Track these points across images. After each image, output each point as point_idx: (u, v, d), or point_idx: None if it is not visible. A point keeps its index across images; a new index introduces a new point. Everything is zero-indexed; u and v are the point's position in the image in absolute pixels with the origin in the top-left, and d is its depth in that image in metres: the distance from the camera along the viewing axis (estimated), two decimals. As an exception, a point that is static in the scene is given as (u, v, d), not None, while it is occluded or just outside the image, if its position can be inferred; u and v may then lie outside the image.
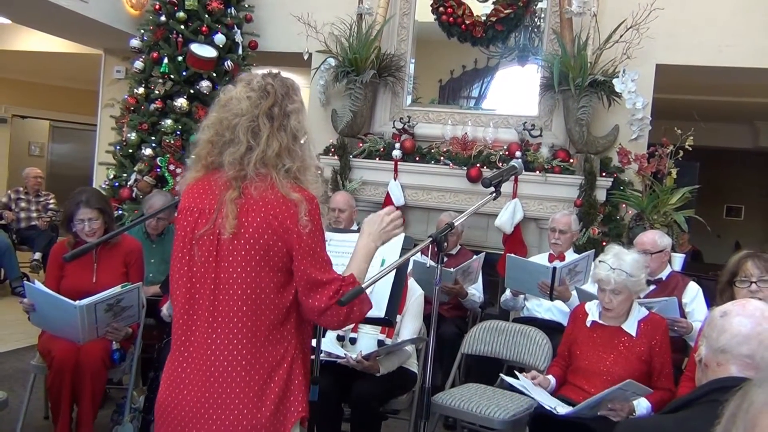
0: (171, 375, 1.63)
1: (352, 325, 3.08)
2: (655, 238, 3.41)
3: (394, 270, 2.03)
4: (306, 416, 1.66)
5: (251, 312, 1.58)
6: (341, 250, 2.08)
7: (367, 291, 1.91)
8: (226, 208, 1.58)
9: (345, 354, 2.86)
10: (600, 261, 2.75)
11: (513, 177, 4.30)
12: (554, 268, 3.51)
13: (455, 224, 1.89)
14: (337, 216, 4.10)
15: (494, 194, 2.04)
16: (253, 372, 1.58)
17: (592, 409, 2.51)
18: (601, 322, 2.79)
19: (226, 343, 1.57)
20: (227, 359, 1.57)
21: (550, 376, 2.83)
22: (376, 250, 1.77)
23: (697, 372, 1.62)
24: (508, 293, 3.98)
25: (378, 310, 2.02)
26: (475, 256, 4.12)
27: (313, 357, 2.35)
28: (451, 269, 3.89)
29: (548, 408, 2.53)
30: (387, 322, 2.15)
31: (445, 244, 1.86)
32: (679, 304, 3.27)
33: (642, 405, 2.55)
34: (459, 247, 4.30)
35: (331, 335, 3.09)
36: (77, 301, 2.72)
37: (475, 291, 4.12)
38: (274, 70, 1.73)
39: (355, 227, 3.99)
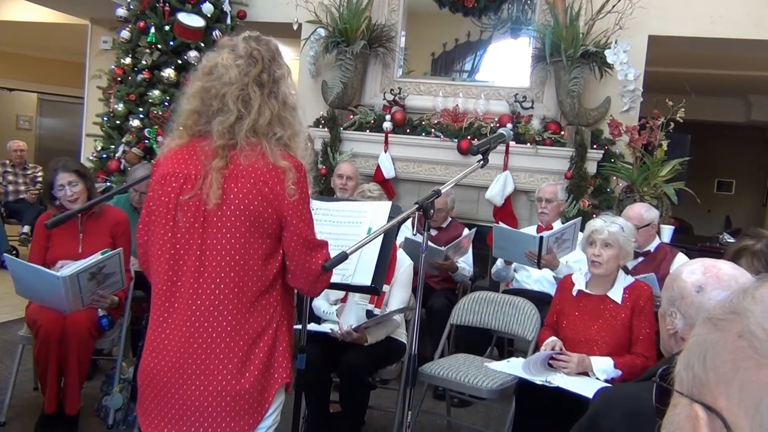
0: (153, 341, 1.62)
1: (342, 295, 3.09)
2: (641, 212, 3.40)
3: (381, 239, 2.03)
4: (290, 383, 1.66)
5: (238, 278, 1.57)
6: (344, 220, 2.08)
7: (354, 258, 1.91)
8: (211, 177, 1.56)
9: (339, 322, 2.87)
10: (594, 219, 2.85)
11: (504, 147, 4.33)
12: (541, 237, 3.52)
13: (441, 191, 1.88)
14: (344, 183, 4.18)
15: (481, 162, 2.02)
16: (238, 338, 1.57)
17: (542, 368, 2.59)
18: (587, 291, 2.80)
19: (211, 309, 1.56)
20: (212, 325, 1.56)
21: (554, 338, 2.82)
22: None
23: (668, 341, 1.60)
24: (499, 263, 3.99)
25: (364, 278, 2.02)
26: (466, 231, 4.13)
27: (299, 326, 2.36)
28: (442, 248, 3.89)
29: (540, 382, 2.54)
30: (373, 290, 2.15)
31: (432, 211, 1.85)
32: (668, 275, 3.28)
33: (602, 362, 2.59)
34: (450, 220, 4.30)
35: (325, 307, 3.11)
36: (59, 272, 2.70)
37: (465, 265, 4.13)
38: (254, 33, 1.69)
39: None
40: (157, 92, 4.80)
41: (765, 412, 0.48)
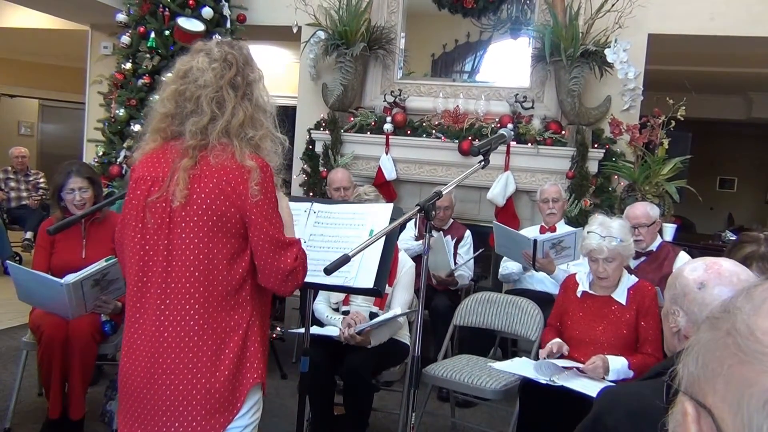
0: (127, 342, 1.64)
1: (343, 297, 3.09)
2: (646, 210, 3.39)
3: (383, 241, 2.02)
4: (264, 382, 1.67)
5: (204, 278, 1.57)
6: (345, 222, 2.07)
7: (356, 260, 1.91)
8: (178, 176, 1.57)
9: (340, 328, 2.87)
10: (588, 232, 2.74)
11: (505, 148, 4.33)
12: (535, 240, 3.52)
13: (443, 193, 1.88)
14: (342, 195, 4.09)
15: (482, 163, 2.02)
16: (207, 337, 1.58)
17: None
18: (591, 292, 2.80)
19: (179, 309, 1.57)
20: (180, 325, 1.57)
21: (558, 340, 2.79)
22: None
23: (672, 340, 1.60)
24: (512, 266, 3.98)
25: (366, 280, 2.02)
26: (467, 234, 4.21)
27: (302, 330, 2.37)
28: (453, 264, 3.91)
29: (544, 381, 2.54)
30: (375, 293, 2.14)
31: (433, 212, 1.85)
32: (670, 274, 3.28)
33: (617, 362, 2.57)
34: (451, 221, 4.30)
35: (329, 312, 3.11)
36: (63, 279, 2.71)
37: (464, 271, 4.14)
38: (226, 38, 1.74)
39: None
40: (157, 97, 4.80)
41: (745, 408, 0.49)
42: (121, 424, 1.65)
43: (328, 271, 1.57)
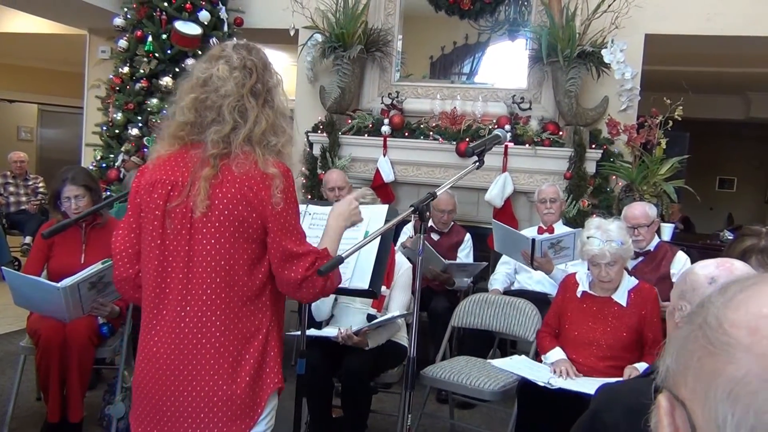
0: (143, 349, 1.62)
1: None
2: (645, 210, 3.39)
3: (378, 242, 2.03)
4: (282, 387, 1.66)
5: (224, 284, 1.57)
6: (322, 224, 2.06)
7: (351, 262, 1.91)
8: (199, 185, 1.56)
9: (339, 329, 2.86)
10: (588, 237, 2.71)
11: (503, 149, 4.34)
12: (533, 239, 3.52)
13: (437, 193, 1.88)
14: (337, 195, 4.07)
15: (477, 163, 2.02)
16: (227, 343, 1.57)
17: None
18: (591, 292, 2.78)
19: (200, 315, 1.56)
20: (201, 332, 1.56)
21: (567, 361, 2.72)
22: (345, 230, 1.79)
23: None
24: (498, 280, 3.98)
25: (361, 281, 2.02)
26: (467, 236, 4.22)
27: (298, 332, 2.36)
28: (445, 261, 3.90)
29: (542, 384, 2.53)
30: (371, 294, 2.14)
31: (427, 213, 1.85)
32: (668, 274, 3.29)
33: (642, 366, 2.56)
34: (452, 224, 4.30)
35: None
36: (59, 283, 2.70)
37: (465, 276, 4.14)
38: (242, 41, 1.72)
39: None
40: (155, 101, 4.82)
41: (712, 399, 0.50)
42: (135, 431, 1.64)
43: (322, 272, 1.57)
